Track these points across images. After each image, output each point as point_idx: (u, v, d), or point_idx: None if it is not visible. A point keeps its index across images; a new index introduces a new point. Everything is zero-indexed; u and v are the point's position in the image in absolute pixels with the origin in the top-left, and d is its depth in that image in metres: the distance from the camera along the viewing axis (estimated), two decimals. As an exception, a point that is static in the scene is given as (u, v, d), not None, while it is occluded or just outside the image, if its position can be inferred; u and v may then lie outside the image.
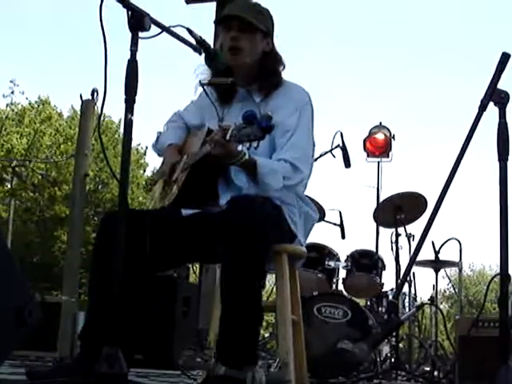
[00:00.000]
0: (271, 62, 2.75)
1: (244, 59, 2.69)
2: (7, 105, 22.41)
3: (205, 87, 2.77)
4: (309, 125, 2.73)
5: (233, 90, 2.76)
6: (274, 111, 2.43)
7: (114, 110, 21.46)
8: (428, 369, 5.35)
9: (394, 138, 8.39)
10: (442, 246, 5.77)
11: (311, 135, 2.75)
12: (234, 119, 2.48)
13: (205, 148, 2.53)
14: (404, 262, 5.36)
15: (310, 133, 2.73)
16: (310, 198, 2.85)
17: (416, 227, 5.54)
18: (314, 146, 2.77)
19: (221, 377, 2.23)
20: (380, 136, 8.36)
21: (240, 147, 2.38)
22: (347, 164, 4.99)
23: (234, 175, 2.63)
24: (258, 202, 2.40)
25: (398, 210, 5.26)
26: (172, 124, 2.94)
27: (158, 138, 2.93)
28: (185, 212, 2.62)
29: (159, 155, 2.93)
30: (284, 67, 2.78)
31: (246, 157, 2.43)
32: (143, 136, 28.34)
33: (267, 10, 2.79)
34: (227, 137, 2.32)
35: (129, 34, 2.16)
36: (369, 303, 5.79)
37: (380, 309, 5.70)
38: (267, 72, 2.72)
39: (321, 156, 4.97)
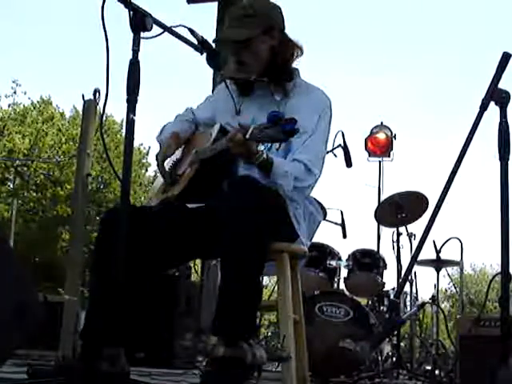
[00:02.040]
0: (281, 54, 2.71)
1: (251, 70, 2.69)
2: (9, 105, 22.47)
3: (226, 80, 2.77)
4: (326, 129, 2.73)
5: (252, 84, 2.75)
6: (293, 111, 2.44)
7: (116, 110, 21.51)
8: (429, 368, 5.37)
9: (395, 137, 8.41)
10: (443, 245, 5.77)
11: (326, 140, 2.75)
12: (251, 114, 2.54)
13: (219, 144, 2.52)
14: (405, 261, 5.37)
15: (325, 137, 2.74)
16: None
17: (417, 226, 5.55)
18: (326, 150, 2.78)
19: (220, 358, 2.21)
20: (381, 135, 8.37)
21: (261, 147, 2.38)
22: (349, 163, 4.98)
23: (241, 174, 2.64)
24: (257, 183, 2.40)
25: (399, 210, 5.26)
26: (180, 117, 2.93)
27: (162, 129, 2.91)
28: (189, 205, 2.63)
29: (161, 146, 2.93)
30: (302, 52, 2.74)
31: (264, 156, 2.44)
32: (145, 136, 28.36)
33: (264, 3, 2.75)
34: (247, 136, 2.32)
35: (131, 34, 2.17)
36: (370, 302, 5.79)
37: (381, 308, 5.70)
38: (278, 66, 2.70)
39: (322, 156, 4.97)
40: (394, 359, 5.00)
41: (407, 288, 5.88)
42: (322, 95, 2.76)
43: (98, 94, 5.30)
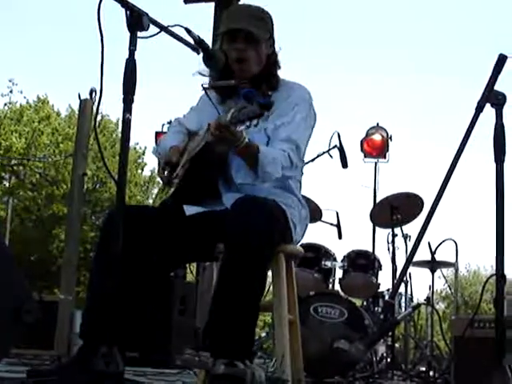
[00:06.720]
0: (272, 65, 2.77)
1: (251, 69, 2.70)
2: (5, 104, 22.44)
3: (207, 91, 2.78)
4: (306, 121, 2.73)
5: (235, 91, 2.77)
6: (275, 107, 2.45)
7: (112, 110, 21.50)
8: (424, 369, 5.39)
9: (391, 138, 8.43)
10: (438, 246, 5.77)
11: (307, 131, 2.76)
12: None
13: (203, 138, 2.55)
14: (400, 262, 5.39)
15: (306, 128, 2.74)
16: (306, 198, 2.86)
17: (412, 228, 5.57)
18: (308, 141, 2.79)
19: (220, 375, 2.23)
20: (377, 137, 8.40)
21: (242, 127, 2.40)
22: (344, 164, 4.99)
23: (235, 173, 2.65)
24: (265, 205, 2.42)
25: (395, 211, 5.28)
26: (173, 129, 2.95)
27: (159, 143, 2.93)
28: (187, 210, 2.62)
29: (160, 160, 2.95)
30: (279, 68, 2.80)
31: (247, 140, 2.44)
32: (141, 135, 28.35)
33: (268, 12, 2.79)
34: (228, 118, 2.34)
35: (127, 34, 2.17)
36: (365, 303, 5.80)
37: (376, 309, 5.71)
38: (267, 75, 2.74)
39: (318, 156, 4.97)
40: (389, 360, 5.02)
41: (402, 289, 5.89)
42: (301, 89, 2.78)
43: (94, 93, 5.30)
